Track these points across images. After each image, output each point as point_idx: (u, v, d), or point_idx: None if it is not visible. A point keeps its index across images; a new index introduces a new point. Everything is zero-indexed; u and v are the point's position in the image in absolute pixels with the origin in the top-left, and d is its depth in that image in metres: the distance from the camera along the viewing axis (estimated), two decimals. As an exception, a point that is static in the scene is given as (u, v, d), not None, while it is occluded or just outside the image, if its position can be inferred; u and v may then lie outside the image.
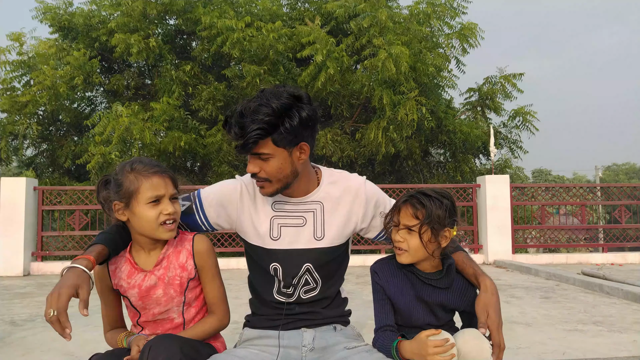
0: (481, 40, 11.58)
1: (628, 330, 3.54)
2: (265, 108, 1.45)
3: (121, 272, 1.61)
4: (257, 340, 1.66)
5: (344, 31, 11.78)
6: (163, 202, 1.55)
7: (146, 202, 1.53)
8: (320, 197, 1.67)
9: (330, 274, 1.69)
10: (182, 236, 1.66)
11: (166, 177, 1.58)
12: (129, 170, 1.56)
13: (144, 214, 1.53)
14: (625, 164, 60.42)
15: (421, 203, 1.54)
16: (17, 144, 11.65)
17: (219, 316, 1.66)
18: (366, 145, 10.90)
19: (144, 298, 1.60)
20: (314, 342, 1.62)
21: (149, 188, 1.53)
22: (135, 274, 1.60)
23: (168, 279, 1.60)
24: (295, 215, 1.66)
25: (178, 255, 1.62)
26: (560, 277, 6.14)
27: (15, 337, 3.51)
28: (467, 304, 1.62)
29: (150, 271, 1.60)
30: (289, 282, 1.64)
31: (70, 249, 8.04)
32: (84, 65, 10.74)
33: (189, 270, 1.62)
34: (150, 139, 9.75)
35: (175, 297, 1.61)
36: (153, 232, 1.55)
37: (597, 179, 31.14)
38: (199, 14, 10.93)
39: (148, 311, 1.62)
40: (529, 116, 12.23)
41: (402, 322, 1.61)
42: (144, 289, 1.60)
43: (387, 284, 1.62)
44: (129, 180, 1.54)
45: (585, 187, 9.15)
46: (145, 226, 1.54)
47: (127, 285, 1.60)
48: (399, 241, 1.56)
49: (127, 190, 1.53)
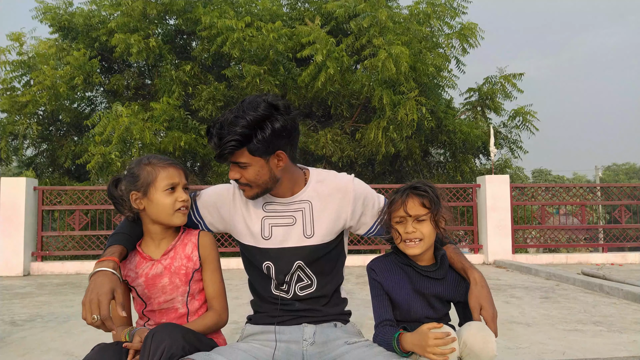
0: (481, 40, 11.59)
1: (628, 330, 3.54)
2: (241, 120, 1.52)
3: (130, 262, 1.71)
4: (258, 335, 1.70)
5: (344, 31, 11.78)
6: (178, 190, 1.69)
7: (163, 190, 1.67)
8: (309, 196, 1.72)
9: (324, 270, 1.73)
10: (189, 230, 1.78)
11: (179, 168, 1.73)
12: (146, 162, 1.70)
13: (161, 200, 1.66)
14: (625, 164, 60.43)
15: (423, 191, 1.61)
16: (17, 144, 11.64)
17: (218, 311, 1.73)
18: (366, 145, 10.90)
19: (150, 286, 1.68)
20: (315, 337, 1.65)
21: (165, 177, 1.67)
22: (144, 263, 1.70)
23: (174, 269, 1.70)
24: (285, 215, 1.72)
25: (185, 246, 1.74)
26: (560, 277, 6.14)
27: (15, 337, 3.51)
28: (461, 294, 1.67)
29: (157, 260, 1.70)
30: (281, 280, 1.70)
31: (70, 249, 8.04)
32: (84, 65, 10.73)
33: (194, 261, 1.72)
34: (150, 139, 9.75)
35: (180, 287, 1.70)
36: (169, 217, 1.68)
37: (597, 179, 31.15)
38: (199, 14, 10.93)
39: (154, 300, 1.69)
40: (529, 116, 12.24)
41: (401, 317, 1.64)
42: (150, 277, 1.69)
43: (385, 279, 1.66)
44: (146, 171, 1.68)
45: (585, 187, 9.14)
46: (162, 212, 1.67)
47: (134, 274, 1.70)
48: (412, 232, 1.60)
49: (145, 181, 1.67)
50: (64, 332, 3.63)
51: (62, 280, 6.78)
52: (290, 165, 1.67)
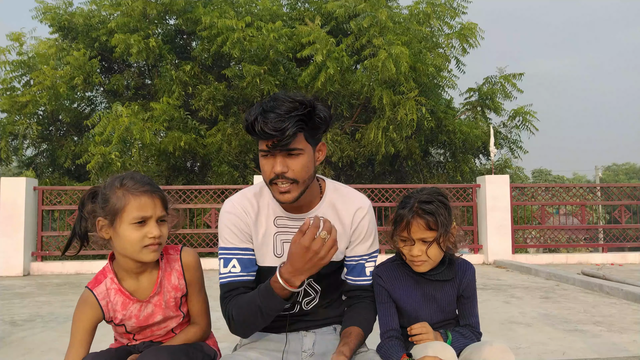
0: (481, 40, 11.59)
1: (628, 330, 3.53)
2: (297, 104, 1.44)
3: (114, 304, 1.53)
4: (262, 342, 1.66)
5: (344, 31, 11.78)
6: (149, 224, 1.46)
7: (131, 222, 1.44)
8: (323, 212, 1.63)
9: (329, 284, 1.69)
10: (168, 257, 1.60)
11: (156, 197, 1.48)
12: (118, 186, 1.47)
13: (127, 234, 1.44)
14: (625, 164, 60.43)
15: (429, 213, 1.52)
16: (17, 144, 11.64)
17: (203, 327, 1.65)
18: (366, 145, 10.90)
19: (143, 324, 1.57)
20: (314, 347, 1.62)
21: (135, 207, 1.44)
22: (130, 304, 1.53)
23: (165, 304, 1.57)
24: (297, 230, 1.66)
25: (170, 278, 1.58)
26: (560, 277, 6.14)
27: (15, 337, 3.51)
28: (464, 287, 1.64)
29: (145, 300, 1.54)
30: (294, 299, 1.58)
31: (70, 249, 8.01)
32: (84, 65, 10.74)
33: (182, 288, 1.59)
34: (150, 139, 9.75)
35: (173, 317, 1.61)
36: (135, 254, 1.46)
37: (597, 179, 31.12)
38: (199, 14, 10.94)
39: (147, 332, 1.60)
40: (528, 116, 12.24)
41: (408, 323, 1.61)
42: (142, 318, 1.55)
43: (393, 287, 1.62)
44: (116, 196, 1.45)
45: (585, 187, 9.14)
46: (128, 248, 1.46)
47: (122, 316, 1.54)
48: (418, 255, 1.55)
49: (113, 207, 1.45)
50: (64, 332, 3.62)
51: (62, 280, 6.78)
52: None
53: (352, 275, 1.67)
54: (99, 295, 1.51)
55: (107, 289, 1.52)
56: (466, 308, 1.65)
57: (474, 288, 1.66)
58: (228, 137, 10.87)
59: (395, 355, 1.50)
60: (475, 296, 1.68)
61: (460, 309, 1.67)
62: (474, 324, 1.64)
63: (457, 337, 1.56)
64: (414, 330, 1.54)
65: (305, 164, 1.49)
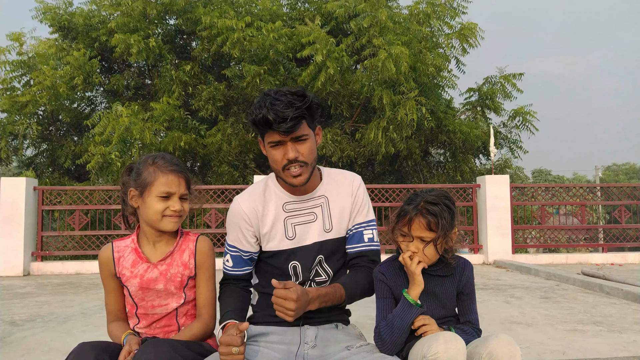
0: (481, 40, 11.58)
1: (628, 330, 3.53)
2: (296, 96, 1.61)
3: (125, 260, 1.70)
4: (260, 337, 1.68)
5: (344, 31, 11.78)
6: (172, 199, 1.67)
7: (157, 195, 1.65)
8: (325, 190, 1.78)
9: (337, 266, 1.77)
10: (187, 236, 1.76)
11: (181, 177, 1.69)
12: (150, 163, 1.68)
13: (152, 205, 1.65)
14: (625, 164, 60.35)
15: (432, 214, 1.56)
16: (17, 144, 11.65)
17: (206, 320, 1.71)
18: (366, 145, 10.90)
19: (144, 289, 1.67)
20: (316, 340, 1.65)
21: (163, 183, 1.65)
22: (139, 264, 1.69)
23: (170, 275, 1.69)
24: (306, 212, 1.75)
25: (182, 253, 1.72)
26: (560, 277, 6.14)
27: (15, 337, 3.51)
28: (463, 283, 1.66)
29: (154, 264, 1.69)
30: (307, 277, 1.73)
31: (70, 249, 8.03)
32: (83, 65, 10.74)
33: (190, 268, 1.71)
34: (150, 139, 9.75)
35: (175, 294, 1.70)
36: (157, 222, 1.66)
37: (597, 179, 31.14)
38: (199, 14, 10.94)
39: (146, 303, 1.69)
40: (528, 116, 12.24)
41: None
42: (145, 279, 1.68)
43: (395, 283, 1.64)
44: (147, 171, 1.67)
45: (585, 187, 9.14)
46: (151, 216, 1.66)
47: (129, 273, 1.69)
48: (414, 252, 1.58)
49: (144, 181, 1.66)
50: (64, 332, 3.63)
51: (62, 280, 6.78)
52: None
53: (351, 244, 1.77)
54: (116, 247, 1.72)
55: (125, 246, 1.73)
56: (466, 305, 1.67)
57: (473, 284, 1.69)
58: (228, 137, 10.87)
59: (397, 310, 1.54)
60: (474, 293, 1.69)
61: (459, 306, 1.69)
62: (474, 320, 1.66)
63: (459, 333, 1.56)
64: (418, 322, 1.55)
65: (312, 147, 1.67)
